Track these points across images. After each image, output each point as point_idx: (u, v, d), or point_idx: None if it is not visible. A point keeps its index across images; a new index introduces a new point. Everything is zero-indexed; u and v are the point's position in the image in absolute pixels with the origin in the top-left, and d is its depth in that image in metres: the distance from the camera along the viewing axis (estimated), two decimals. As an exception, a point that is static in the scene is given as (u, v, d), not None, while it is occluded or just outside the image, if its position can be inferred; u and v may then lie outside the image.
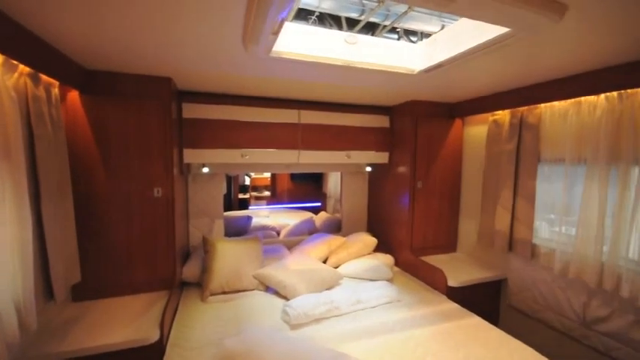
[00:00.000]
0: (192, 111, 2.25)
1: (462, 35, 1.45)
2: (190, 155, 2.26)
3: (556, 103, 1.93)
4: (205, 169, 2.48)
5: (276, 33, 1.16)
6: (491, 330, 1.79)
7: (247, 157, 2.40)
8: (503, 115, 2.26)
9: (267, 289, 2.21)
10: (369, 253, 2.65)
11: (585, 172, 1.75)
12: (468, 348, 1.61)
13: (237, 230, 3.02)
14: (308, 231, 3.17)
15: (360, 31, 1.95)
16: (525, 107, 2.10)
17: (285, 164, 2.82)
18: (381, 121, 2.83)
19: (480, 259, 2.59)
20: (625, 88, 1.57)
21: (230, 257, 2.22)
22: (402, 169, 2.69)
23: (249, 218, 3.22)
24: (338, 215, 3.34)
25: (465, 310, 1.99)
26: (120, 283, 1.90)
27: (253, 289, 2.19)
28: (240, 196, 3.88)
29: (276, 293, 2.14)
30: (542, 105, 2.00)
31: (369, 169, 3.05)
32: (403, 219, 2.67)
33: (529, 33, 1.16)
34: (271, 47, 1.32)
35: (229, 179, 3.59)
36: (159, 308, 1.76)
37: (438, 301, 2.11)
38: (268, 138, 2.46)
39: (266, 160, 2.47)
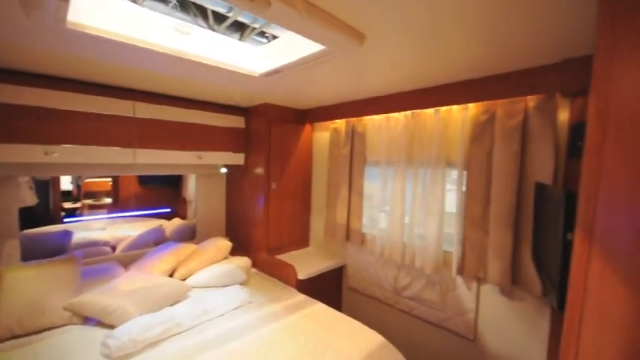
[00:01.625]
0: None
1: (297, 44, 1.55)
2: (-56, 151, 1.56)
3: (375, 117, 2.37)
4: (-22, 172, 1.78)
5: (64, -1, 0.92)
6: (330, 312, 2.01)
7: (55, 154, 1.87)
8: (340, 124, 2.61)
9: (87, 320, 1.77)
10: (225, 258, 2.54)
11: (393, 173, 2.22)
12: (309, 334, 1.75)
13: (50, 251, 2.29)
14: (154, 242, 2.75)
15: (229, 29, 1.85)
16: (355, 118, 2.48)
17: (121, 165, 2.37)
18: (237, 122, 2.77)
19: (327, 251, 2.90)
20: (414, 108, 2.08)
21: (26, 288, 1.67)
22: (257, 170, 2.71)
23: (67, 234, 2.52)
24: (195, 221, 3.06)
25: (310, 299, 2.16)
26: None
27: (64, 325, 1.71)
28: (69, 205, 3.01)
29: (100, 324, 1.74)
30: (367, 117, 2.42)
31: (224, 170, 2.93)
32: (259, 220, 2.70)
33: (339, 53, 1.36)
34: (64, 16, 1.05)
35: (45, 184, 2.72)
36: None
37: (288, 295, 2.22)
38: (90, 133, 1.98)
39: (86, 159, 1.99)
